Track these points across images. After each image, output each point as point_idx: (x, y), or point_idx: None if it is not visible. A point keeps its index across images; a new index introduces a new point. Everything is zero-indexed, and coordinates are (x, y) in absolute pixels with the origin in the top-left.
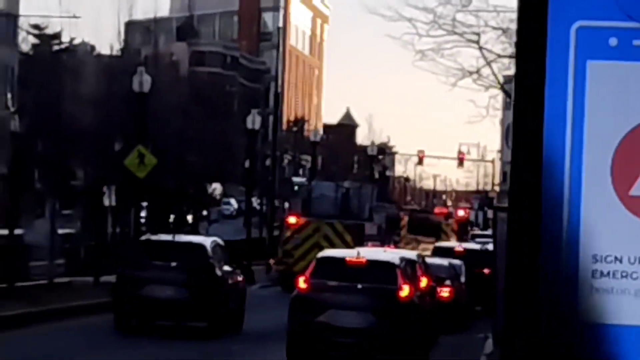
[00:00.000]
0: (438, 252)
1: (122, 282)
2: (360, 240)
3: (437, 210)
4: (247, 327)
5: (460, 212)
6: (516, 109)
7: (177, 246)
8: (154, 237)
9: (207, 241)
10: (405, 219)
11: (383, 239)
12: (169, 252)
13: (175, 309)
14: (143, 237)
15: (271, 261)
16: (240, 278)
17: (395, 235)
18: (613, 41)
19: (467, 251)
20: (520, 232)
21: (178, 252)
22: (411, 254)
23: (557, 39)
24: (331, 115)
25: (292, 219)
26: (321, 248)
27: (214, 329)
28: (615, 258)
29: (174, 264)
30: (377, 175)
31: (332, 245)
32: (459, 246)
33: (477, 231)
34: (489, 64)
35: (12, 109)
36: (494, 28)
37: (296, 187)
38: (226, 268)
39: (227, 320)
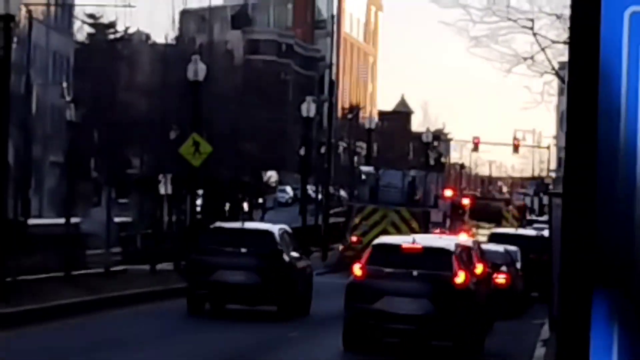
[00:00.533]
0: (495, 238)
1: (195, 268)
2: (426, 226)
3: (515, 202)
4: (312, 316)
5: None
6: (570, 95)
7: (246, 233)
8: (224, 225)
9: (275, 228)
10: (467, 205)
11: (448, 226)
12: (239, 238)
13: (246, 294)
14: (214, 225)
15: (340, 247)
16: (307, 264)
17: (460, 222)
18: None
19: (523, 237)
20: (574, 218)
21: (248, 239)
22: (467, 241)
23: (610, 24)
24: (386, 103)
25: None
26: (389, 234)
27: (284, 312)
28: None
29: (244, 250)
30: (432, 162)
31: (399, 232)
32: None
33: (534, 217)
34: (543, 50)
35: (68, 99)
36: (548, 14)
37: (364, 176)
38: (294, 254)
39: (296, 304)
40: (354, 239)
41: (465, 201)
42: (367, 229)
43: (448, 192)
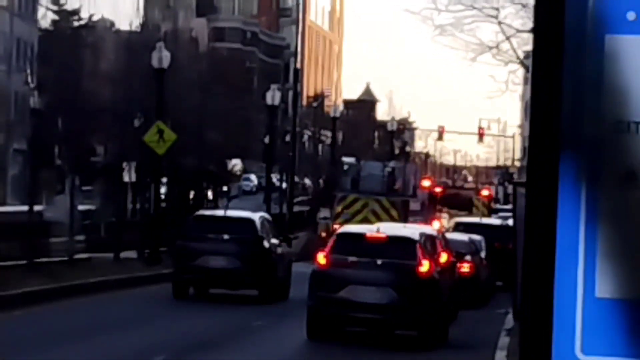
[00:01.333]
0: (459, 227)
1: (180, 253)
2: (405, 215)
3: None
4: (276, 304)
5: (485, 192)
6: (534, 84)
7: (229, 220)
8: (207, 212)
9: (256, 216)
10: (439, 194)
11: (425, 215)
12: (222, 225)
13: (228, 278)
14: (197, 213)
15: (323, 234)
16: (287, 250)
17: (434, 211)
18: (631, 15)
19: (488, 226)
20: (538, 207)
21: (230, 226)
22: (431, 230)
23: (575, 12)
24: (351, 91)
25: None
26: (370, 223)
27: (265, 296)
28: None
29: (226, 236)
30: (397, 151)
31: (379, 220)
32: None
33: (498, 206)
34: (508, 39)
35: (32, 86)
36: (513, 3)
37: (345, 167)
38: (274, 241)
39: (276, 289)
40: (336, 226)
41: (437, 190)
42: (348, 217)
43: (426, 182)
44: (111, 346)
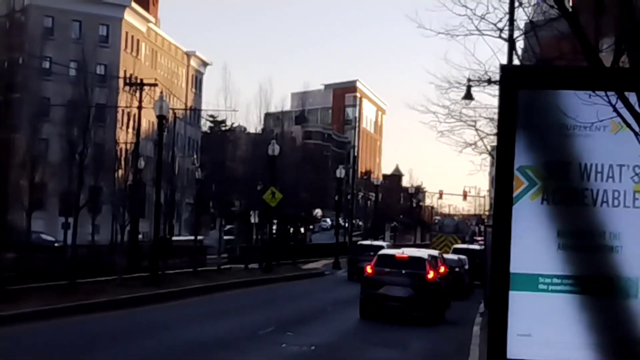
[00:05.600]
0: (455, 250)
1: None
2: (463, 242)
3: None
4: (341, 296)
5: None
6: (497, 167)
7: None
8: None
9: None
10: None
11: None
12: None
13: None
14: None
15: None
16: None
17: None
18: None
19: (471, 250)
20: (497, 240)
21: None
22: (435, 252)
23: (521, 130)
24: (387, 169)
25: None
26: (448, 247)
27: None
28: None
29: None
30: (414, 205)
31: (452, 245)
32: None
33: (476, 238)
34: (481, 139)
35: (196, 165)
36: (485, 117)
37: (437, 220)
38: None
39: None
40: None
41: None
42: (439, 244)
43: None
44: (240, 320)
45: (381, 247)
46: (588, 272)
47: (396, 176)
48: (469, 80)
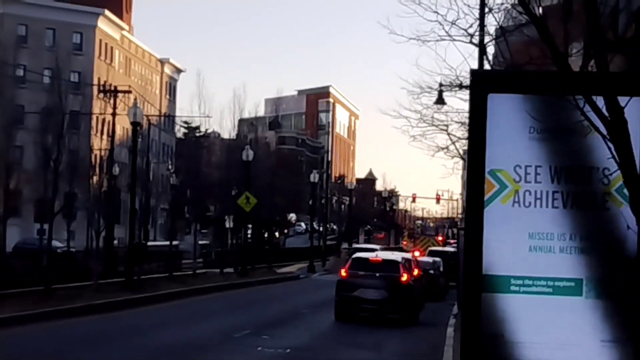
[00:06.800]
0: (431, 253)
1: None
2: (444, 244)
3: (438, 237)
4: (316, 299)
5: (439, 238)
6: (468, 171)
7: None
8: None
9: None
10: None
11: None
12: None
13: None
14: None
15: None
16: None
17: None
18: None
19: (446, 252)
20: (469, 242)
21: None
22: (409, 255)
23: (490, 133)
24: (360, 173)
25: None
26: (428, 247)
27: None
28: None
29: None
30: (388, 209)
31: (434, 245)
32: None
33: (450, 241)
34: (453, 143)
35: (171, 171)
36: (457, 122)
37: (419, 224)
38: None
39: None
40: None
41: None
42: (423, 245)
43: (439, 238)
44: (216, 323)
45: (375, 251)
46: (559, 274)
47: (370, 180)
48: (440, 85)
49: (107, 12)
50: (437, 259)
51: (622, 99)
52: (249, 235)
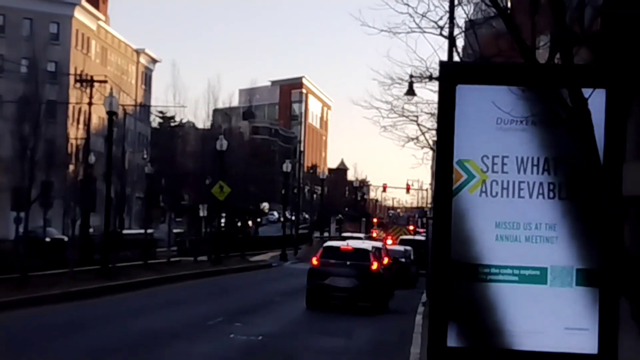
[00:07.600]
0: (402, 241)
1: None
2: (413, 233)
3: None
4: (288, 287)
5: (411, 227)
6: (437, 161)
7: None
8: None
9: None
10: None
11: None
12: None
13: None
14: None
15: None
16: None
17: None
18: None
19: (416, 241)
20: (438, 232)
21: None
22: (380, 244)
23: (459, 124)
24: (332, 163)
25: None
26: (400, 235)
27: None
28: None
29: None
30: (359, 199)
31: (404, 235)
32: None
33: (419, 230)
34: (423, 134)
35: (146, 160)
36: (427, 113)
37: (391, 213)
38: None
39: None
40: (389, 240)
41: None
42: (395, 233)
43: (410, 227)
44: (190, 311)
45: (360, 239)
46: (525, 263)
47: (341, 170)
48: (411, 76)
49: (83, 3)
50: (409, 247)
51: (586, 91)
52: (223, 224)
